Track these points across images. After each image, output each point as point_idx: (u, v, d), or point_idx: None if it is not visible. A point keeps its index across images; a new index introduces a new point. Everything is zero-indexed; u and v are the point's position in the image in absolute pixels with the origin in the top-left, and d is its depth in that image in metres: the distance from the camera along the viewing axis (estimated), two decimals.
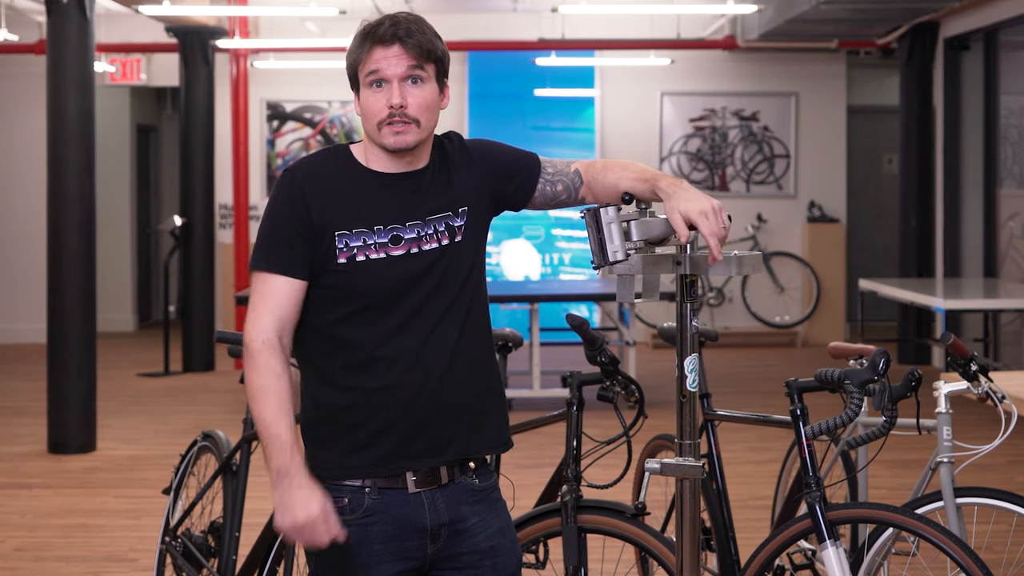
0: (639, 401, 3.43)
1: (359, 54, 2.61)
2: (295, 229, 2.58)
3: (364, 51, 2.60)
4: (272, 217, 2.62)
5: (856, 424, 4.23)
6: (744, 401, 9.14)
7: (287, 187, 2.61)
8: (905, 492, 5.78)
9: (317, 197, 2.60)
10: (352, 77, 2.64)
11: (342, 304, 2.60)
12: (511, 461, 7.15)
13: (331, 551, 2.56)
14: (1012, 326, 10.31)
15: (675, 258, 2.59)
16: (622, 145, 12.95)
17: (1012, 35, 10.31)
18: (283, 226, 2.59)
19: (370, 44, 2.59)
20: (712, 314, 13.08)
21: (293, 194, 2.60)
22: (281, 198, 2.61)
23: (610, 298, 9.21)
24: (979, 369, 3.58)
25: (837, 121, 13.14)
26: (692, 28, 12.52)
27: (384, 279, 2.59)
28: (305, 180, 2.62)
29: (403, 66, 2.59)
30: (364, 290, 2.59)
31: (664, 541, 3.25)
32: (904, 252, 11.55)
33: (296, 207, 2.59)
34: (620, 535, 3.34)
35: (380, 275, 2.59)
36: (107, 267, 12.91)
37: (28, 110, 12.73)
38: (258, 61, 12.75)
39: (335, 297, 2.60)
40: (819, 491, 3.09)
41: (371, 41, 2.59)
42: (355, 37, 2.64)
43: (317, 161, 2.67)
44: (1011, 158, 10.37)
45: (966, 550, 3.07)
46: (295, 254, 2.58)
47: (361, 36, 2.61)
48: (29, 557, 5.64)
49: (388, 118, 2.58)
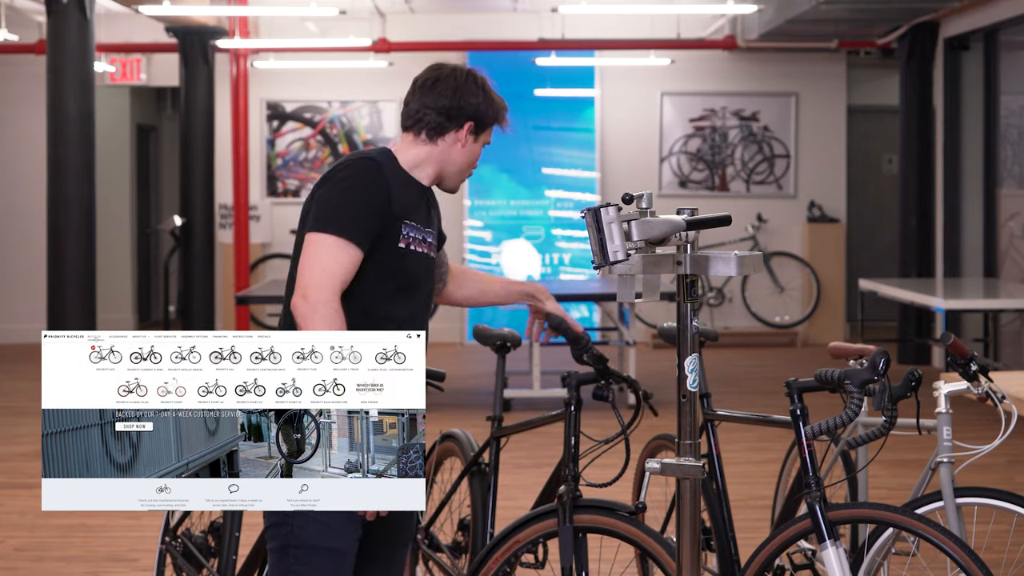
0: (639, 400, 3.44)
1: (497, 116, 3.20)
2: (374, 209, 2.97)
3: (499, 120, 3.22)
4: (353, 194, 2.97)
5: (856, 424, 4.23)
6: (744, 401, 9.14)
7: (373, 173, 3.01)
8: (905, 492, 5.78)
9: (393, 188, 3.02)
10: (479, 121, 3.15)
11: (389, 280, 3.04)
12: (511, 460, 7.13)
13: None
14: (1012, 326, 10.32)
15: (675, 258, 2.59)
16: (622, 145, 12.96)
17: (1012, 35, 10.31)
18: (365, 204, 2.97)
19: (503, 120, 3.24)
20: (712, 314, 13.08)
21: (378, 180, 3.01)
22: (367, 180, 3.00)
23: (610, 298, 9.21)
24: (979, 369, 3.58)
25: (837, 121, 13.14)
26: (692, 28, 12.52)
27: (419, 268, 3.10)
28: (388, 173, 3.04)
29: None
30: (409, 274, 3.07)
31: (660, 540, 3.25)
32: (904, 252, 11.55)
33: (379, 191, 2.99)
34: (617, 534, 3.34)
35: (417, 264, 3.09)
36: (107, 267, 12.90)
37: (28, 110, 12.72)
38: (258, 61, 12.75)
39: (385, 275, 3.03)
40: (819, 491, 3.09)
41: (504, 121, 3.25)
42: (496, 98, 3.21)
43: (383, 156, 3.09)
44: (1011, 158, 10.37)
45: (966, 550, 3.07)
46: (366, 231, 2.96)
47: (502, 107, 3.23)
48: (29, 557, 5.65)
49: (471, 171, 3.22)
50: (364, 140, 13.02)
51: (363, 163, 3.03)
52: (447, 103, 3.11)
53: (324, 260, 2.91)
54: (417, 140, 3.14)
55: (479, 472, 4.06)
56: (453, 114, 3.11)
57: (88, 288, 7.88)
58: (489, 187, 12.79)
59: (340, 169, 3.03)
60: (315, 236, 2.95)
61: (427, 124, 3.12)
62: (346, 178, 3.00)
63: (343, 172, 3.01)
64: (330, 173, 3.04)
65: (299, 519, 2.94)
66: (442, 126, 3.12)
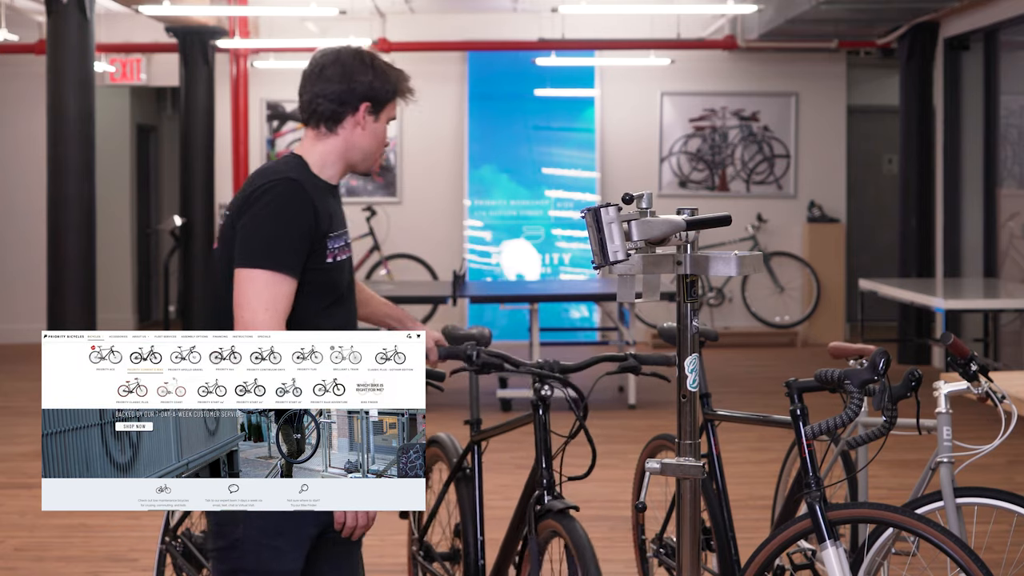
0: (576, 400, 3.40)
1: (397, 89, 3.04)
2: (304, 234, 2.89)
3: (399, 92, 3.05)
4: (282, 222, 2.87)
5: (856, 424, 4.23)
6: (744, 401, 9.14)
7: (297, 195, 2.90)
8: (905, 492, 5.78)
9: (318, 205, 2.93)
10: (374, 100, 2.99)
11: (320, 298, 2.97)
12: (511, 460, 7.12)
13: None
14: (1012, 326, 10.32)
15: (675, 258, 2.59)
16: (622, 145, 12.96)
17: (1012, 35, 10.31)
18: (295, 232, 2.88)
19: (404, 91, 3.06)
20: (712, 314, 13.08)
21: (304, 201, 2.90)
22: (293, 205, 2.89)
23: (610, 298, 9.21)
24: (979, 369, 3.58)
25: (837, 121, 13.14)
26: (692, 28, 12.53)
27: (345, 275, 3.04)
28: (310, 189, 2.93)
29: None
30: (338, 286, 3.00)
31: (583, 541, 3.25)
32: (904, 252, 11.55)
33: (306, 214, 2.89)
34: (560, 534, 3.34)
35: (343, 272, 3.03)
36: (107, 267, 12.90)
37: (28, 110, 12.72)
38: (258, 61, 12.75)
39: (316, 293, 2.95)
40: (819, 491, 3.09)
41: (406, 91, 3.07)
42: (391, 71, 3.04)
43: (298, 169, 2.98)
44: (1011, 158, 10.37)
45: (966, 550, 3.07)
46: (300, 258, 2.89)
47: (401, 79, 3.06)
48: (29, 557, 5.65)
49: (384, 153, 3.13)
50: None
51: (285, 186, 2.90)
52: (337, 88, 3.00)
53: (265, 299, 2.84)
54: (319, 135, 3.04)
55: (465, 477, 4.02)
56: (345, 98, 3.00)
57: (88, 288, 7.88)
58: (489, 187, 12.79)
59: (263, 194, 2.90)
60: (250, 273, 2.85)
61: (322, 114, 3.02)
62: (270, 204, 2.88)
63: (267, 197, 2.89)
64: (251, 197, 2.91)
65: (251, 545, 2.89)
66: (337, 113, 3.01)
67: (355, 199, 12.92)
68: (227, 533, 2.90)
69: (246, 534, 2.88)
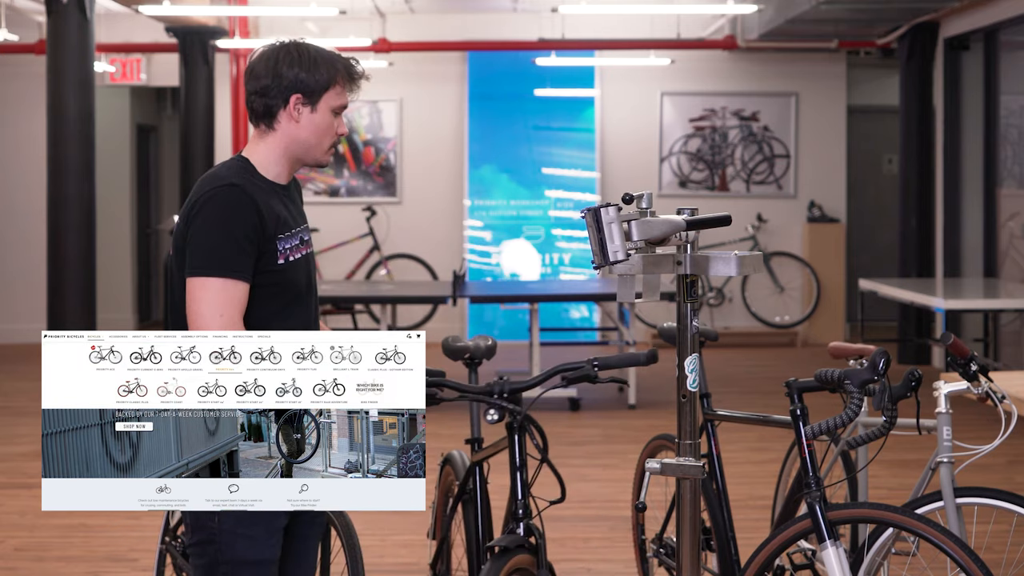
0: (539, 440, 3.28)
1: (332, 78, 3.00)
2: (250, 237, 2.90)
3: (340, 80, 3.02)
4: (225, 229, 2.89)
5: (856, 424, 4.23)
6: (744, 401, 9.14)
7: (236, 198, 2.90)
8: (905, 492, 5.78)
9: (262, 207, 2.93)
10: (305, 91, 2.97)
11: (274, 299, 2.98)
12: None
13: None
14: (1012, 326, 10.32)
15: (675, 258, 2.59)
16: (622, 145, 12.96)
17: (1012, 35, 10.31)
18: (240, 235, 2.88)
19: (348, 79, 3.03)
20: (712, 314, 13.08)
21: (245, 205, 2.90)
22: (234, 209, 2.89)
23: (610, 298, 9.21)
24: (979, 369, 3.58)
25: (837, 121, 13.14)
26: (692, 28, 12.53)
27: (301, 274, 3.04)
28: (253, 192, 2.93)
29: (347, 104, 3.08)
30: (293, 286, 3.01)
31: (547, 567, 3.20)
32: (904, 252, 11.55)
33: (248, 217, 2.89)
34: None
35: (299, 271, 3.03)
36: (107, 267, 12.91)
37: (28, 110, 12.73)
38: None
39: (271, 294, 2.97)
40: (819, 491, 3.09)
41: (350, 78, 3.04)
42: (323, 59, 3.00)
43: (241, 173, 2.98)
44: (1011, 158, 10.37)
45: (966, 550, 3.07)
46: (249, 261, 2.90)
47: (338, 65, 3.01)
48: (29, 557, 5.65)
49: (335, 142, 3.08)
50: (364, 140, 13.02)
51: (225, 192, 2.90)
52: (264, 83, 2.99)
53: (218, 305, 2.86)
54: (260, 133, 3.04)
55: (471, 499, 3.87)
56: (273, 93, 2.98)
57: (88, 288, 7.89)
58: (489, 187, 12.80)
59: (206, 203, 2.91)
60: (200, 281, 2.87)
61: (257, 112, 3.02)
62: (213, 212, 2.90)
63: (209, 206, 2.90)
64: (195, 206, 2.93)
65: (226, 537, 2.91)
66: (269, 108, 3.00)
67: (355, 199, 12.92)
68: (203, 526, 2.93)
69: (221, 526, 2.90)
